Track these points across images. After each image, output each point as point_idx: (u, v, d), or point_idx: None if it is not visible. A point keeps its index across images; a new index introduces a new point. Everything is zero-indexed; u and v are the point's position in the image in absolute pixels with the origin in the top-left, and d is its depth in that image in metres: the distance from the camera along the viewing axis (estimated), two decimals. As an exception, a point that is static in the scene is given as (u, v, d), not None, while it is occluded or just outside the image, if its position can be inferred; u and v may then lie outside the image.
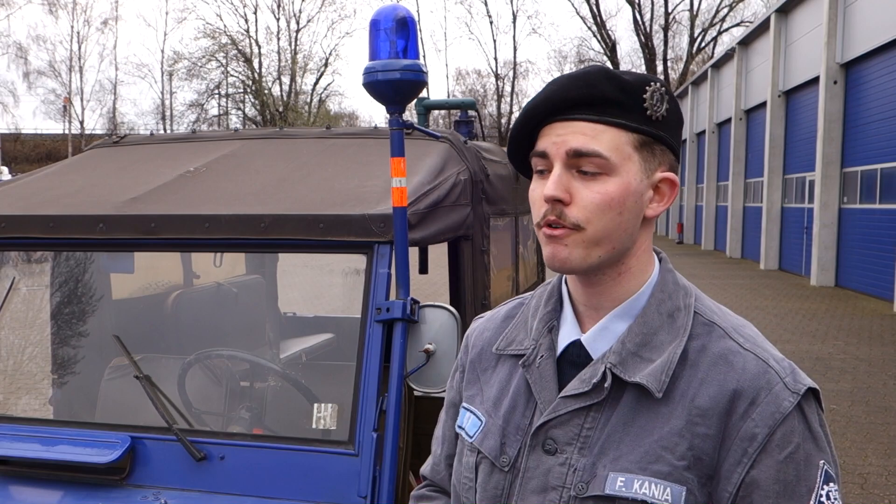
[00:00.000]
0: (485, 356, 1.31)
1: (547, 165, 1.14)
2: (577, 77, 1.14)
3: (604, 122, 1.12)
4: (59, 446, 2.16)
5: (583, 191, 1.11)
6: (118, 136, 3.34)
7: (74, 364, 2.86)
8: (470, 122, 4.25)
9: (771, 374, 1.10)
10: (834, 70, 16.77)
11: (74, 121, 47.99)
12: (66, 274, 2.89)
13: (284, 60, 49.90)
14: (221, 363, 2.62)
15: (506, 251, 3.54)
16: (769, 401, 1.07)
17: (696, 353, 1.13)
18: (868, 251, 15.23)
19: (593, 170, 1.11)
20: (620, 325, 1.17)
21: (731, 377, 1.09)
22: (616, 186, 1.11)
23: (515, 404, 1.21)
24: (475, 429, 1.25)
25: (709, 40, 44.02)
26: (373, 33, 2.03)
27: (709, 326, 1.15)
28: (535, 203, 1.15)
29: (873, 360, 9.29)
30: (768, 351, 1.14)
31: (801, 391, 1.09)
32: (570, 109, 1.12)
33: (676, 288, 1.19)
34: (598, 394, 1.13)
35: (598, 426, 1.13)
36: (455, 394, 1.37)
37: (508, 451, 1.19)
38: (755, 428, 1.07)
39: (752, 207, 24.39)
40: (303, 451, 2.06)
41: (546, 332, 1.22)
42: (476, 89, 53.12)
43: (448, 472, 1.36)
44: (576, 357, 1.18)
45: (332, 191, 2.43)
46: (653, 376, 1.10)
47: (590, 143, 1.11)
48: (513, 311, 1.33)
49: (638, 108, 1.13)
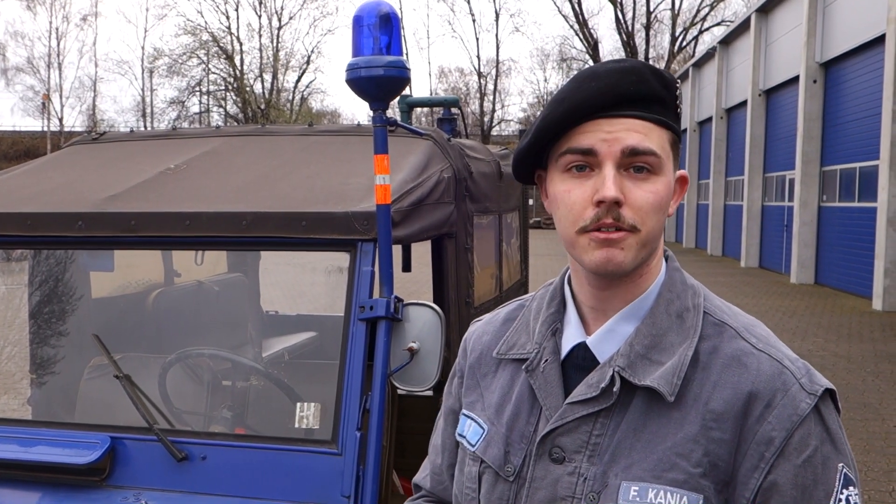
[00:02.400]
0: (484, 361, 1.27)
1: (590, 163, 1.07)
2: (628, 71, 1.08)
3: (653, 119, 1.08)
4: (38, 447, 2.13)
5: (636, 191, 1.06)
6: (98, 133, 3.30)
7: (53, 364, 2.83)
8: (453, 120, 4.25)
9: (786, 374, 1.06)
10: (813, 69, 16.91)
11: (53, 118, 47.60)
12: (46, 272, 2.85)
13: (266, 58, 49.76)
14: (203, 362, 2.59)
15: (489, 249, 3.53)
16: (786, 403, 1.04)
17: (707, 354, 1.09)
18: (847, 249, 15.37)
19: (646, 169, 1.07)
20: (627, 326, 1.12)
21: (745, 379, 1.06)
22: (664, 186, 1.08)
23: (519, 411, 1.17)
24: (477, 437, 1.21)
25: (690, 39, 44.32)
26: (356, 29, 2.01)
27: (719, 327, 1.12)
28: (578, 205, 1.07)
29: (852, 357, 9.38)
30: (782, 351, 1.10)
31: (818, 392, 1.06)
32: (621, 105, 1.06)
33: (685, 287, 1.15)
34: (606, 399, 1.08)
35: (608, 433, 1.08)
36: (454, 400, 1.32)
37: (513, 459, 1.15)
38: (772, 431, 1.03)
39: (732, 206, 24.56)
40: (286, 450, 2.04)
41: (549, 335, 1.18)
42: (458, 87, 53.14)
43: (451, 483, 1.31)
44: (581, 361, 1.14)
45: (314, 188, 2.41)
46: (664, 379, 1.06)
47: (644, 141, 1.06)
48: (513, 314, 1.29)
49: (673, 106, 1.11)
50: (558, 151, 1.10)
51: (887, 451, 6.04)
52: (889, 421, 6.81)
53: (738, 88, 23.65)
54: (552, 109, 1.09)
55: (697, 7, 43.75)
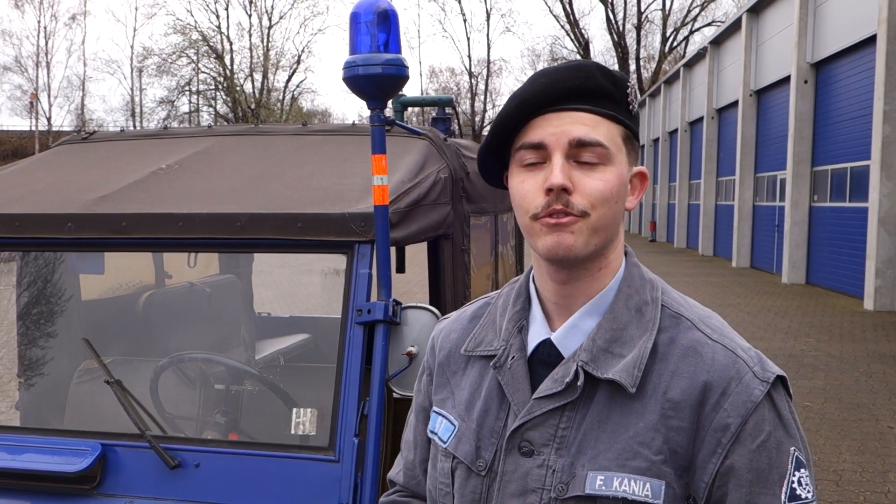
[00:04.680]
0: (453, 358, 1.29)
1: (541, 157, 1.12)
2: (574, 68, 1.14)
3: (601, 113, 1.12)
4: (27, 454, 2.08)
5: (584, 180, 1.10)
6: (87, 132, 3.24)
7: (42, 367, 2.77)
8: (447, 120, 4.20)
9: (740, 363, 1.11)
10: (804, 70, 16.96)
11: (41, 117, 47.30)
12: (34, 274, 2.80)
13: (256, 57, 49.62)
14: (196, 366, 2.54)
15: (485, 250, 3.49)
16: (740, 391, 1.09)
17: (665, 346, 1.13)
18: (838, 249, 15.42)
19: (594, 160, 1.11)
20: (590, 321, 1.16)
21: (701, 369, 1.10)
22: (614, 176, 1.12)
23: (488, 407, 1.20)
24: (448, 433, 1.24)
25: (681, 40, 44.43)
26: (353, 26, 1.97)
27: (676, 318, 1.16)
28: (531, 194, 1.12)
29: (845, 357, 9.39)
30: (735, 341, 1.14)
31: (769, 379, 1.10)
32: (568, 100, 1.11)
33: (643, 282, 1.19)
34: (571, 393, 1.12)
35: (574, 425, 1.12)
36: (424, 398, 1.35)
37: (484, 454, 1.18)
38: (728, 418, 1.08)
39: (724, 206, 24.61)
40: (281, 457, 1.99)
41: (516, 332, 1.21)
42: (449, 87, 53.16)
43: (424, 477, 1.34)
44: (547, 356, 1.17)
45: (309, 189, 2.36)
46: (625, 371, 1.10)
47: (591, 132, 1.10)
48: (479, 311, 1.31)
49: (623, 103, 1.15)
50: (514, 148, 1.15)
51: (881, 451, 6.02)
52: (882, 421, 6.80)
53: (730, 89, 23.70)
54: (506, 106, 1.15)
55: (688, 7, 43.88)
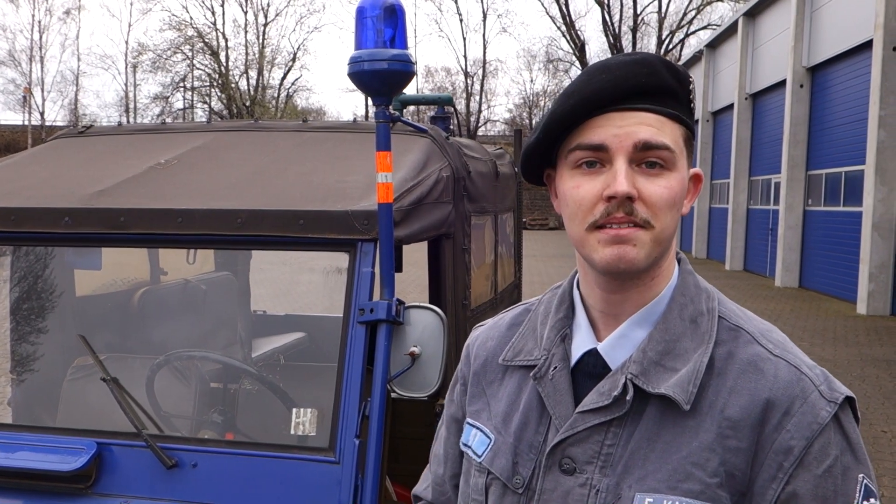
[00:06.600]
0: (490, 368, 1.22)
1: (601, 159, 1.03)
2: (638, 62, 1.04)
3: (665, 113, 1.03)
4: (20, 453, 2.04)
5: (649, 186, 1.02)
6: (84, 126, 3.20)
7: (34, 363, 2.73)
8: (447, 119, 4.17)
9: (805, 381, 1.02)
10: (800, 74, 16.98)
11: (35, 112, 47.07)
12: (27, 269, 2.76)
13: (252, 54, 49.40)
14: (193, 364, 2.51)
15: (485, 250, 3.47)
16: (805, 411, 1.00)
17: (722, 360, 1.04)
18: (832, 253, 15.44)
19: (659, 164, 1.03)
20: (640, 332, 1.08)
21: (762, 385, 1.01)
22: (678, 182, 1.04)
23: (527, 420, 1.12)
24: (483, 447, 1.16)
25: (676, 42, 44.44)
26: (358, 21, 1.94)
27: (735, 331, 1.07)
28: (587, 202, 1.03)
29: (838, 361, 9.39)
30: (799, 357, 1.06)
31: (838, 400, 1.02)
32: (633, 98, 1.02)
33: (698, 291, 1.11)
34: (619, 408, 1.04)
35: (621, 443, 1.04)
36: (456, 408, 1.28)
37: (522, 471, 1.10)
38: (791, 440, 0.99)
39: (718, 209, 24.64)
40: (280, 458, 1.96)
41: (559, 341, 1.13)
42: (445, 87, 53.08)
43: (455, 494, 1.27)
44: (592, 368, 1.09)
45: (311, 186, 2.33)
46: (679, 387, 1.02)
47: (658, 135, 1.02)
48: (518, 319, 1.24)
49: (686, 101, 1.07)
50: (567, 148, 1.06)
51: (875, 456, 6.03)
52: (876, 425, 6.80)
53: (725, 92, 23.73)
54: (561, 103, 1.05)
55: (684, 10, 43.94)
